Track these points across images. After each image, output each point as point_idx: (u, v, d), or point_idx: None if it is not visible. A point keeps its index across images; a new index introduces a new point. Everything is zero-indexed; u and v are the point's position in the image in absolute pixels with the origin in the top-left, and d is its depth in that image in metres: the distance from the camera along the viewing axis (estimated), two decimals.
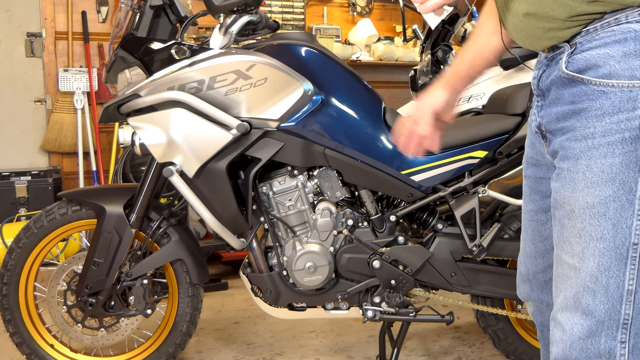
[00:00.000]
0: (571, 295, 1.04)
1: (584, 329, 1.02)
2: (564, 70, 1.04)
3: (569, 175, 1.04)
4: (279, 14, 4.47)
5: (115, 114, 1.94)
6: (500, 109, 2.05)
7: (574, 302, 1.03)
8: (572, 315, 1.04)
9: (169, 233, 2.09)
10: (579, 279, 1.03)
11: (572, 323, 1.03)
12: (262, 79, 1.84)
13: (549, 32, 1.05)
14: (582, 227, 1.02)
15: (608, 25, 1.00)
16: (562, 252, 1.07)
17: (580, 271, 1.02)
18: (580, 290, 1.02)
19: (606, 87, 0.99)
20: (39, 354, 2.14)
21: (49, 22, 4.03)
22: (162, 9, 1.93)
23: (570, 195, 1.04)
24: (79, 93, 3.97)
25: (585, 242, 1.02)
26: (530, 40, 1.10)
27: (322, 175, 1.99)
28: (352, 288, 2.01)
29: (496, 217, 2.12)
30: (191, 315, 2.15)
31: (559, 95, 1.07)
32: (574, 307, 1.03)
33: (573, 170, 1.03)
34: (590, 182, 1.01)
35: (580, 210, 1.02)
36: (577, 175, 1.02)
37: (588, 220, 1.01)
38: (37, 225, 2.09)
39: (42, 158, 4.07)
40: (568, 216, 1.05)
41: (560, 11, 1.02)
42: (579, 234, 1.02)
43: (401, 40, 4.32)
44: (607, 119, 0.99)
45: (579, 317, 1.03)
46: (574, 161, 1.03)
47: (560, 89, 1.06)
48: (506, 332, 2.18)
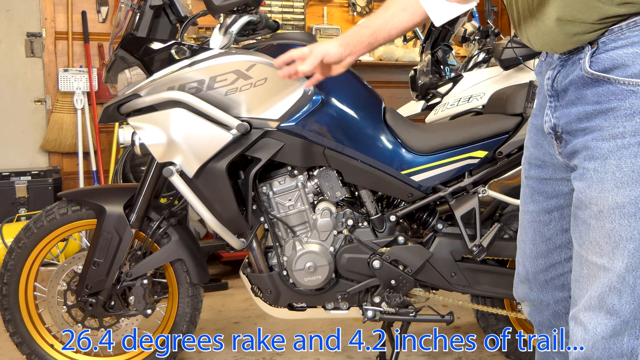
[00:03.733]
0: (596, 295, 1.03)
1: (607, 328, 1.02)
2: (587, 70, 1.03)
3: (596, 175, 1.03)
4: (279, 14, 4.47)
5: (115, 114, 1.94)
6: (500, 109, 2.05)
7: (598, 301, 1.03)
8: (595, 315, 1.03)
9: (169, 233, 2.09)
10: (607, 279, 1.02)
11: (596, 323, 1.03)
12: (262, 79, 1.84)
13: (574, 37, 1.05)
14: (611, 228, 1.01)
15: (635, 25, 0.99)
16: (588, 252, 1.06)
17: (608, 271, 1.02)
18: (606, 290, 1.02)
19: (636, 87, 0.98)
20: (39, 354, 2.13)
21: (49, 22, 4.02)
22: (162, 9, 1.93)
23: (598, 196, 1.03)
24: (79, 93, 3.97)
25: (614, 242, 1.01)
26: (552, 45, 1.09)
27: (322, 175, 1.99)
28: (352, 288, 2.01)
29: (496, 217, 2.12)
30: (191, 315, 2.15)
31: (579, 95, 1.06)
32: (598, 307, 1.03)
33: (601, 170, 1.02)
34: (620, 182, 1.00)
35: (609, 210, 1.01)
36: (606, 176, 1.01)
37: (618, 221, 1.00)
38: (37, 225, 2.09)
39: (42, 158, 4.07)
40: (596, 216, 1.04)
41: (590, 14, 1.01)
42: (608, 235, 1.02)
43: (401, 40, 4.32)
44: (637, 118, 0.99)
45: (603, 317, 1.02)
46: (601, 161, 1.02)
47: (581, 89, 1.05)
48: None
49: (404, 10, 1.31)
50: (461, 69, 2.98)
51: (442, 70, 2.96)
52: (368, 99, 1.99)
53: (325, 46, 1.37)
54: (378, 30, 1.34)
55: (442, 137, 1.98)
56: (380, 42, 1.36)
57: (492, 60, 2.88)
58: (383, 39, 1.35)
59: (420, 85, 2.94)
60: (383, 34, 1.34)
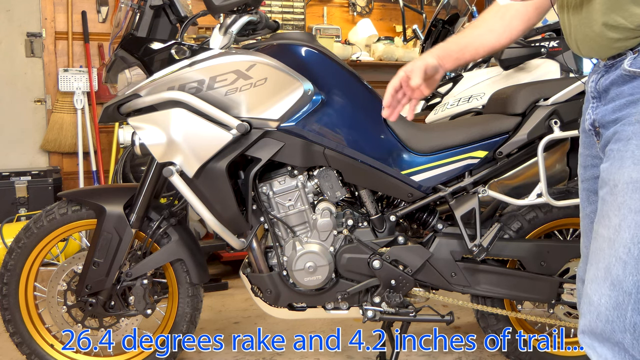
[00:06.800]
0: (603, 266, 1.05)
1: (611, 300, 1.03)
2: (625, 68, 1.08)
3: (617, 154, 1.06)
4: (279, 14, 4.47)
5: (115, 114, 1.94)
6: (500, 109, 2.05)
7: (604, 272, 1.04)
8: (600, 286, 1.04)
9: (169, 233, 2.09)
10: (613, 249, 1.03)
11: (600, 294, 1.04)
12: (262, 79, 1.84)
13: (617, 42, 1.10)
14: (622, 201, 1.03)
15: None
16: (599, 226, 1.08)
17: (614, 242, 1.03)
18: (612, 260, 1.03)
19: None
20: (39, 354, 2.13)
21: (49, 22, 4.03)
22: (162, 9, 1.93)
23: (616, 172, 1.06)
24: (79, 93, 3.97)
25: (623, 214, 1.03)
26: (598, 49, 1.14)
27: (322, 175, 1.99)
28: (352, 288, 2.01)
29: (496, 217, 2.12)
30: (191, 315, 2.15)
31: (619, 92, 1.10)
32: (603, 278, 1.04)
33: (622, 150, 1.05)
34: (638, 159, 1.03)
35: (623, 185, 1.04)
36: (626, 154, 1.04)
37: (630, 194, 1.02)
38: (37, 225, 2.09)
39: (42, 158, 4.07)
40: (611, 191, 1.06)
41: (632, 20, 1.06)
42: (619, 207, 1.04)
43: (401, 40, 4.32)
44: None
45: (607, 287, 1.03)
46: (624, 142, 1.05)
47: (620, 86, 1.10)
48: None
49: (492, 31, 1.39)
50: (461, 69, 2.98)
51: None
52: (368, 99, 1.99)
53: (421, 59, 1.40)
54: (466, 47, 1.41)
55: (442, 137, 1.98)
56: (467, 59, 1.43)
57: (492, 60, 2.88)
58: (470, 55, 1.42)
59: None
60: (470, 51, 1.42)
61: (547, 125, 1.93)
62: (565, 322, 2.08)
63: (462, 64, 1.44)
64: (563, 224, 2.11)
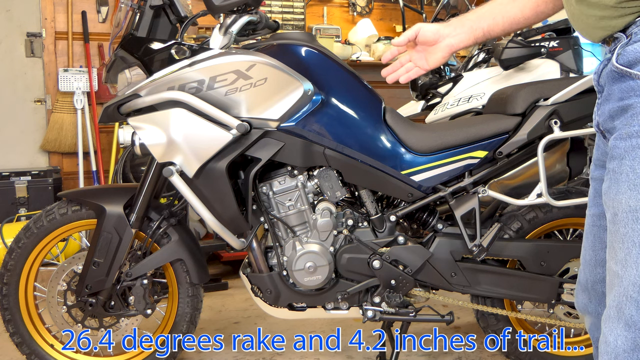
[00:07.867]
0: (614, 305, 0.98)
1: (628, 341, 0.96)
2: (614, 64, 0.98)
3: (614, 176, 0.99)
4: (279, 14, 4.47)
5: (115, 114, 1.94)
6: (500, 109, 2.05)
7: (617, 311, 0.98)
8: (615, 327, 0.98)
9: (169, 233, 2.09)
10: (622, 287, 0.97)
11: (616, 335, 0.98)
12: (262, 79, 1.84)
13: (601, 21, 0.99)
14: (624, 232, 0.96)
15: None
16: (608, 257, 1.02)
17: (622, 279, 0.97)
18: (623, 299, 0.97)
19: None
20: (39, 354, 2.13)
21: (49, 22, 4.03)
22: (162, 9, 1.93)
23: (614, 198, 0.98)
24: (79, 93, 3.97)
25: (627, 248, 0.96)
26: (586, 28, 1.05)
27: (322, 175, 1.99)
28: (352, 288, 2.01)
29: (496, 217, 2.12)
30: (191, 315, 2.15)
31: (610, 91, 1.01)
32: (616, 318, 0.98)
33: (617, 171, 0.97)
34: (633, 184, 0.95)
35: (623, 214, 0.96)
36: (621, 177, 0.97)
37: (631, 225, 0.95)
38: (37, 225, 2.09)
39: (42, 158, 4.07)
40: (612, 220, 0.99)
41: None
42: (622, 240, 0.97)
43: None
44: None
45: (622, 328, 0.97)
46: (618, 161, 0.98)
47: (611, 85, 1.01)
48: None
49: (514, 1, 1.26)
50: (461, 69, 2.98)
51: (442, 70, 2.96)
52: (368, 99, 1.99)
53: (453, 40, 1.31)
54: (483, 15, 1.28)
55: (442, 137, 1.98)
56: (484, 30, 1.29)
57: (492, 60, 2.88)
58: (487, 25, 1.28)
59: (420, 85, 2.94)
60: (487, 20, 1.28)
61: (547, 125, 1.93)
62: (565, 322, 2.08)
63: (479, 35, 1.30)
64: (563, 224, 2.11)
